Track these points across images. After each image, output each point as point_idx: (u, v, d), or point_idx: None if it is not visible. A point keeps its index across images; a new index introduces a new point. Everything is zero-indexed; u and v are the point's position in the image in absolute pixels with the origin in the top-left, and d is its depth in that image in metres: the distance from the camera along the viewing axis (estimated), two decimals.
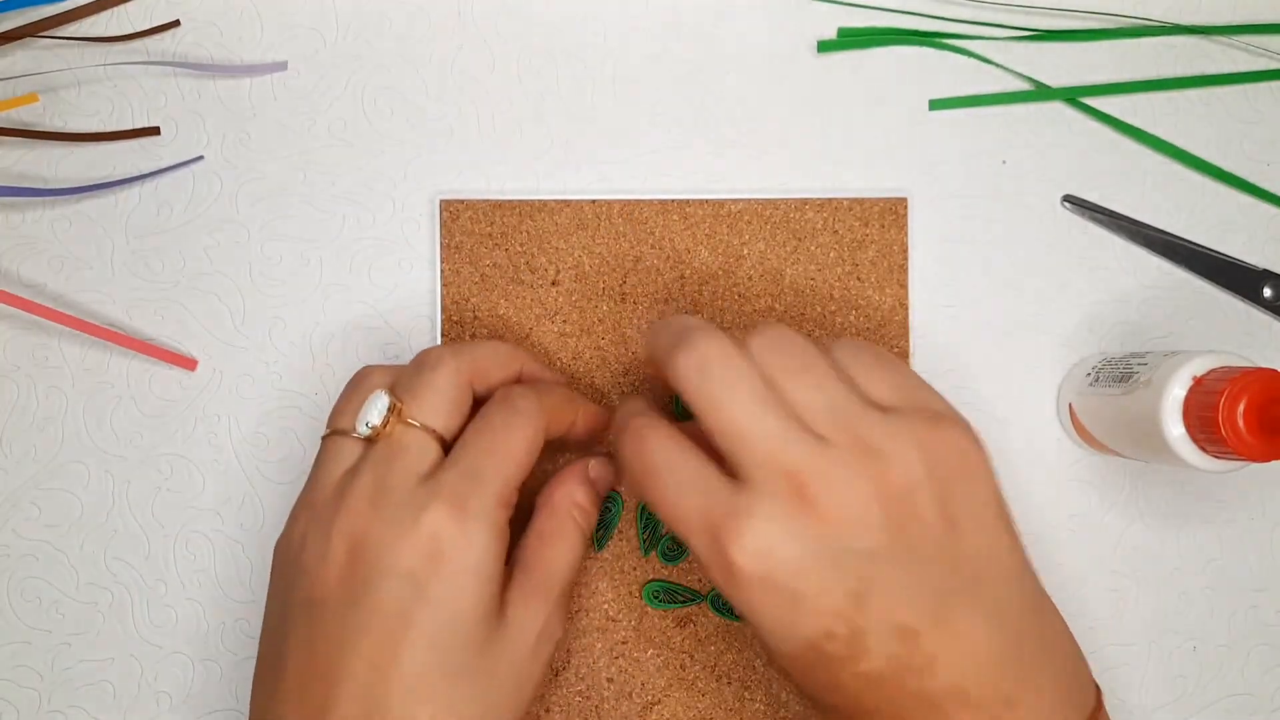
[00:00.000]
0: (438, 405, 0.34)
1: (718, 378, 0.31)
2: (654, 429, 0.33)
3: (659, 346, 0.34)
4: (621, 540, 0.42)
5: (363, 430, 0.34)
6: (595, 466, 0.38)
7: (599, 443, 0.41)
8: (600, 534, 0.42)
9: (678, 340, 0.32)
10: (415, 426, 0.34)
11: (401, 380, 0.35)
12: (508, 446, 0.34)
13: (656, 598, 0.42)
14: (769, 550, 0.30)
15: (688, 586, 0.42)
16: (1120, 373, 0.39)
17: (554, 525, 0.36)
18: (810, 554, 0.30)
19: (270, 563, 0.36)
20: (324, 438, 0.35)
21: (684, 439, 0.33)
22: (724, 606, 0.42)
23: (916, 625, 0.30)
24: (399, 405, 0.34)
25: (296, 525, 0.34)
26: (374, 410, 0.34)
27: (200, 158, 0.43)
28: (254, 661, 0.43)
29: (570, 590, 0.36)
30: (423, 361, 0.35)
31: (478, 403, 0.36)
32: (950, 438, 0.32)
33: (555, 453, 0.42)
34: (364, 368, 0.37)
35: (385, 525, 0.32)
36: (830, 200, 0.43)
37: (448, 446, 0.35)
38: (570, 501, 0.37)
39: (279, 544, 0.35)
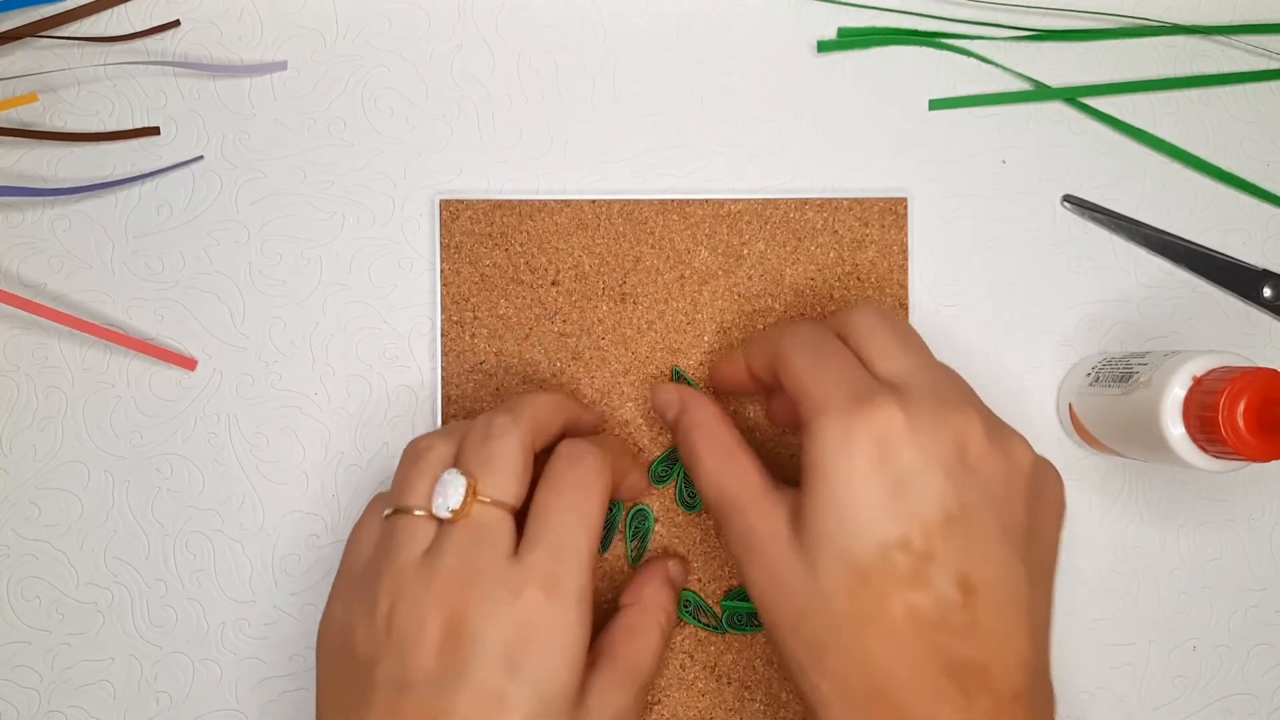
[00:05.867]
0: (509, 478, 0.34)
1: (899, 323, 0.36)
2: (819, 327, 0.36)
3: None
4: (621, 542, 0.42)
5: (443, 514, 0.34)
6: (674, 568, 0.41)
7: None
8: (604, 535, 0.42)
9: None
10: (489, 504, 0.34)
11: (469, 454, 0.35)
12: (586, 508, 0.35)
13: (685, 607, 0.42)
14: (903, 434, 0.31)
15: (714, 610, 0.42)
16: (1120, 373, 0.39)
17: (643, 622, 0.38)
18: (934, 458, 0.31)
19: (318, 637, 0.35)
20: (387, 517, 0.35)
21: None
22: (739, 624, 0.42)
23: (978, 585, 0.31)
24: (474, 484, 0.34)
25: (379, 603, 0.33)
26: (454, 494, 0.34)
27: (200, 158, 0.43)
28: (253, 661, 0.43)
29: (650, 684, 0.37)
30: (488, 433, 0.35)
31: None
32: (1056, 477, 0.35)
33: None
34: (417, 440, 0.36)
35: (482, 605, 0.32)
36: (830, 200, 0.43)
37: (518, 512, 0.35)
38: (656, 602, 0.39)
39: (332, 622, 0.35)
